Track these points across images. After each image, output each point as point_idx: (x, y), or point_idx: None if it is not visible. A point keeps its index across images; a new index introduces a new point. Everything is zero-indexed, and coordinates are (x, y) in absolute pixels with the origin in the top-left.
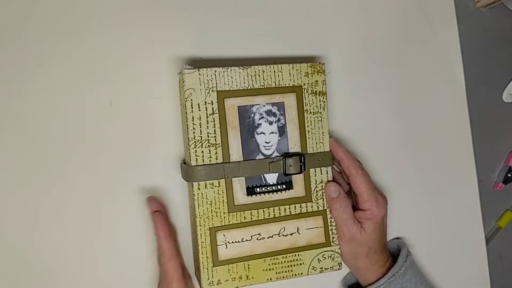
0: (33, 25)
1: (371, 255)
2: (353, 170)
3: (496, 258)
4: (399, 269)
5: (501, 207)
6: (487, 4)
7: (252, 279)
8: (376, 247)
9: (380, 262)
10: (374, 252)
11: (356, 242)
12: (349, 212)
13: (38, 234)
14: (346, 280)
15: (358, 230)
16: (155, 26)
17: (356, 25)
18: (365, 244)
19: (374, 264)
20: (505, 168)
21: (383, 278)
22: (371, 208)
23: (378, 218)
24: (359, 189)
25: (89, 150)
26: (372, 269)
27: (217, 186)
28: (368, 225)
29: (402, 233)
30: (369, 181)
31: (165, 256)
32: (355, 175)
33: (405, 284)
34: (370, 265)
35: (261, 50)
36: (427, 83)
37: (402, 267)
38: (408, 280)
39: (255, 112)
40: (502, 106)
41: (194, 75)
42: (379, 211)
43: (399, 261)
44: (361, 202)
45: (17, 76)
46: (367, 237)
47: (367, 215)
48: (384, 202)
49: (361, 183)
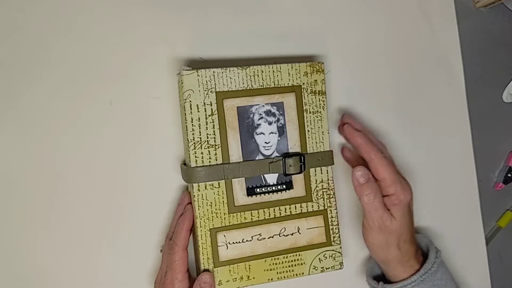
0: (33, 25)
1: (402, 245)
2: (372, 155)
3: (496, 258)
4: (431, 265)
5: (501, 207)
6: (487, 4)
7: (253, 280)
8: (407, 236)
9: (409, 254)
10: (404, 242)
11: (387, 230)
12: (380, 198)
13: (38, 235)
14: (370, 271)
15: (388, 217)
16: (155, 26)
17: (355, 24)
18: (396, 232)
19: (404, 255)
20: (505, 168)
21: (416, 274)
22: (396, 193)
23: (405, 202)
24: (380, 174)
25: (89, 150)
26: (402, 261)
27: (217, 187)
28: (396, 211)
29: None
30: (391, 165)
31: (180, 246)
32: (374, 159)
33: (437, 282)
34: (401, 256)
35: (261, 50)
36: (427, 83)
37: (435, 264)
38: (440, 278)
39: (254, 113)
40: (502, 106)
41: (193, 76)
42: (405, 195)
43: (431, 257)
44: (385, 187)
45: (17, 76)
46: (397, 225)
47: (393, 201)
48: (408, 186)
49: (382, 166)
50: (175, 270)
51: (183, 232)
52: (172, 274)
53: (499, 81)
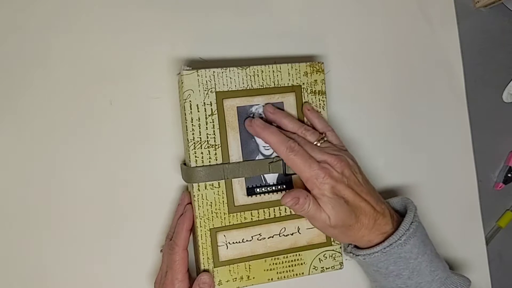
0: (33, 25)
1: (354, 227)
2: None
3: (496, 258)
4: (398, 238)
5: (501, 207)
6: (487, 4)
7: (253, 279)
8: (351, 221)
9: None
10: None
11: (331, 226)
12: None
13: (37, 234)
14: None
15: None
16: (155, 26)
17: (355, 24)
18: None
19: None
20: (505, 168)
21: (378, 246)
22: (313, 188)
23: (324, 193)
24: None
25: (89, 150)
26: (373, 229)
27: (217, 187)
28: (324, 206)
29: None
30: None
31: (180, 246)
32: (285, 159)
33: (404, 255)
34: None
35: (261, 50)
36: (427, 83)
37: (402, 236)
38: (409, 250)
39: (254, 112)
40: (502, 106)
41: (193, 76)
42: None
43: (400, 229)
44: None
45: (17, 76)
46: (334, 217)
47: (316, 195)
48: (326, 173)
49: (293, 165)
50: (175, 270)
51: (183, 232)
52: (172, 274)
53: (499, 81)
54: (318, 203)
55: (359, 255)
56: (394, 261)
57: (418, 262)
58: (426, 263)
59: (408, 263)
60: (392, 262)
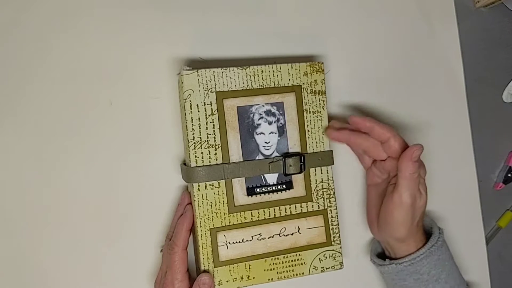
0: (33, 25)
1: (419, 221)
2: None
3: (496, 258)
4: (436, 240)
5: (501, 207)
6: (487, 4)
7: (253, 279)
8: (424, 213)
9: (421, 229)
10: (421, 218)
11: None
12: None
13: (37, 234)
14: (373, 251)
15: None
16: (154, 26)
17: (355, 24)
18: (421, 208)
19: (418, 231)
20: (505, 168)
21: (423, 248)
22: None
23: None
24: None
25: (89, 150)
26: (416, 236)
27: (217, 187)
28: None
29: None
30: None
31: (180, 246)
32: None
33: (441, 256)
34: (416, 231)
35: (261, 50)
36: (427, 83)
37: (439, 239)
38: (444, 252)
39: (255, 112)
40: (502, 106)
41: (193, 76)
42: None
43: (435, 232)
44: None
45: (17, 76)
46: (424, 201)
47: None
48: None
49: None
50: (175, 270)
51: (183, 232)
52: (172, 274)
53: (499, 81)
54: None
55: (403, 262)
56: (435, 264)
57: (450, 264)
58: (455, 266)
59: (444, 265)
60: (433, 266)
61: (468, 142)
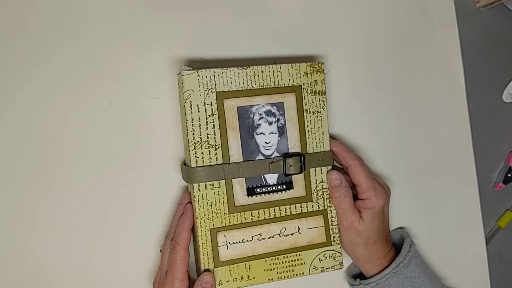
0: (32, 25)
1: (370, 246)
2: (350, 161)
3: (496, 258)
4: (403, 259)
5: (501, 207)
6: (487, 4)
7: (253, 279)
8: (376, 238)
9: (379, 254)
10: (373, 243)
11: (355, 231)
12: (348, 202)
13: (38, 235)
14: (350, 270)
15: (356, 219)
16: (154, 26)
17: (355, 24)
18: (364, 234)
19: (373, 255)
20: (505, 168)
21: (387, 268)
22: (369, 198)
23: (377, 207)
24: (357, 179)
25: (89, 150)
26: (371, 259)
27: (217, 187)
28: (367, 215)
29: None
30: (366, 171)
31: (181, 245)
32: (352, 165)
33: (410, 274)
34: (369, 255)
35: (261, 50)
36: (427, 83)
37: (406, 257)
38: (413, 270)
39: (255, 113)
40: (502, 106)
41: (193, 76)
42: (378, 201)
43: (403, 251)
44: (360, 192)
45: (17, 76)
46: (365, 227)
47: (366, 205)
48: (384, 192)
49: (359, 173)
50: (176, 270)
51: (185, 231)
52: (173, 273)
53: (499, 81)
54: (359, 210)
55: (370, 283)
56: (402, 282)
57: (421, 281)
58: (428, 281)
59: (414, 283)
60: (401, 284)
61: (468, 142)
